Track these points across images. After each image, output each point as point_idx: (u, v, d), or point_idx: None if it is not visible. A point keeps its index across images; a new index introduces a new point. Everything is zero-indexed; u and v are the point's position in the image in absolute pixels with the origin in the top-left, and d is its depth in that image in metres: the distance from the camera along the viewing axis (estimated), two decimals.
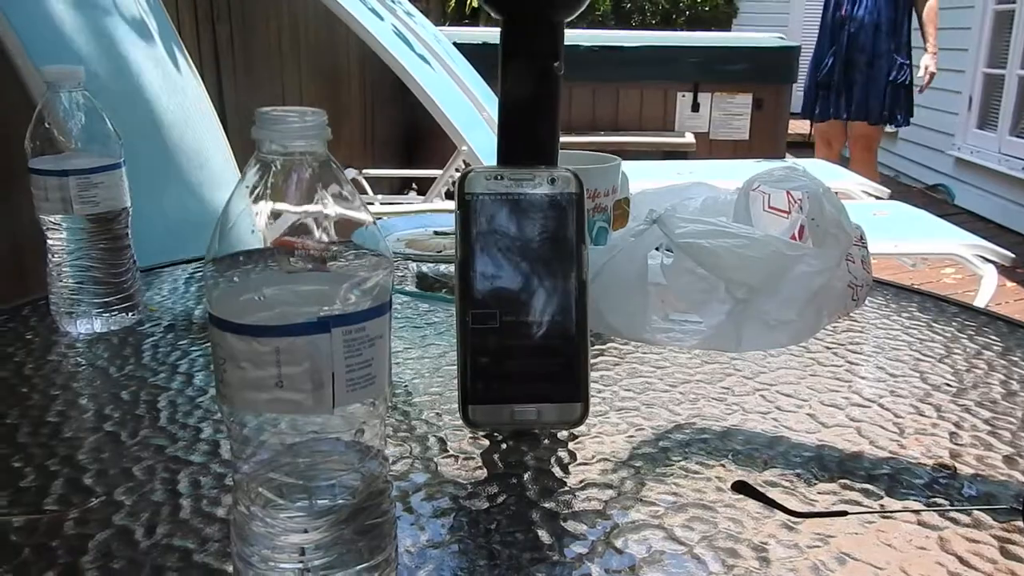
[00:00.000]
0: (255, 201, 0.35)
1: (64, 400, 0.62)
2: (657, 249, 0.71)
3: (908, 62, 3.82)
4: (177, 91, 1.52)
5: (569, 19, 0.62)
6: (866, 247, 0.74)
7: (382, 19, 2.73)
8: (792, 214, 0.78)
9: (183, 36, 1.63)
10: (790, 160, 3.96)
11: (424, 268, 0.91)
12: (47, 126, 0.71)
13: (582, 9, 0.62)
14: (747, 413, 0.61)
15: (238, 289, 0.35)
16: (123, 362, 0.69)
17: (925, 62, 3.81)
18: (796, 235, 0.75)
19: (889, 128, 4.06)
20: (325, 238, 0.35)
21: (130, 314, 0.77)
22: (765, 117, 4.35)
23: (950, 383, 0.66)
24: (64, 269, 0.73)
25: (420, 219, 1.01)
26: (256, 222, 0.35)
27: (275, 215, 0.35)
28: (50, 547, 0.45)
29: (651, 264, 0.70)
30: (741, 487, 0.50)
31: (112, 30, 1.43)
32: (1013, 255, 2.24)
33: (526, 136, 0.59)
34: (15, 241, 1.46)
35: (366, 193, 3.16)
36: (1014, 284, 3.54)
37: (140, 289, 0.78)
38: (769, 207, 0.79)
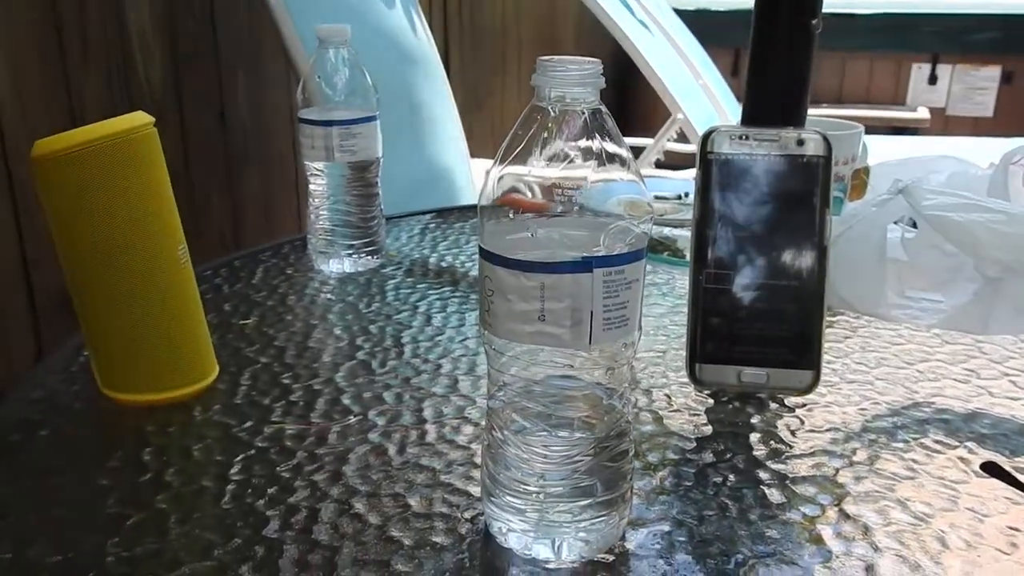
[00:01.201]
0: (529, 145, 0.37)
1: (322, 329, 0.69)
2: (896, 223, 0.67)
3: None
4: (414, 55, 1.61)
5: None
6: None
7: None
8: None
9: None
10: None
11: None
12: (317, 79, 0.78)
13: None
14: (995, 397, 0.57)
15: (510, 227, 0.37)
16: (370, 300, 0.75)
17: None
18: None
19: None
20: (589, 183, 0.37)
21: (374, 257, 0.83)
22: (1015, 92, 3.92)
23: None
24: (322, 212, 0.81)
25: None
26: (529, 166, 0.37)
27: (548, 159, 0.37)
28: (318, 454, 0.51)
29: (890, 238, 0.67)
30: (991, 468, 0.47)
31: None
32: None
33: (776, 96, 0.58)
34: (268, 188, 1.61)
35: None
36: None
37: (384, 235, 0.85)
38: None
